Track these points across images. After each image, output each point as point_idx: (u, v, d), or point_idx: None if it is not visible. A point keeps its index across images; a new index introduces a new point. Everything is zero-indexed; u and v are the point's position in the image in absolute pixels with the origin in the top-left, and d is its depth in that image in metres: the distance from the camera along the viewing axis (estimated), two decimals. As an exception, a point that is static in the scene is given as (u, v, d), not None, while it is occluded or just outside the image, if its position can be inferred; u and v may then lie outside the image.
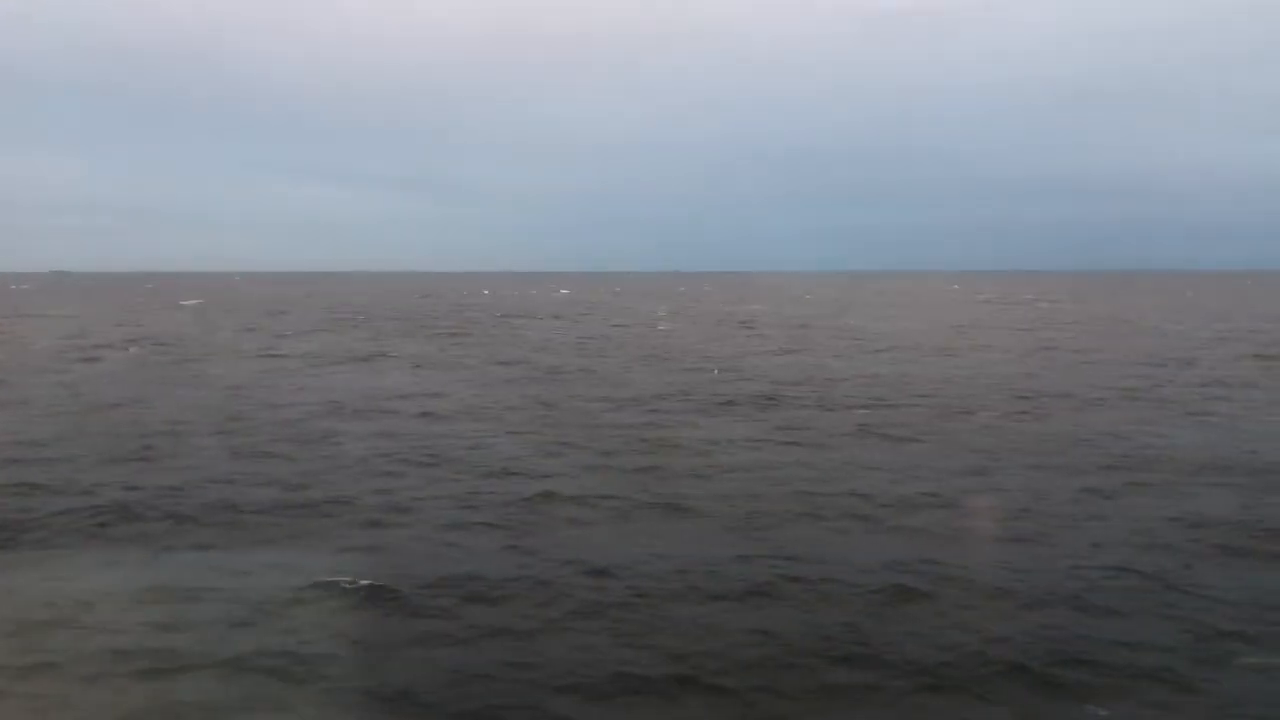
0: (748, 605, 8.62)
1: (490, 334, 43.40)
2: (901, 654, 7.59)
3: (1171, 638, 7.86)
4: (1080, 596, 8.69)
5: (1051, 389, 22.82)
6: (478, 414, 19.05)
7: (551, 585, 8.91)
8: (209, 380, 24.80)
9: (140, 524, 10.89)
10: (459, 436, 16.48)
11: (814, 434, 17.14)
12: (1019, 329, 46.00)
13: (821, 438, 16.80)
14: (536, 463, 14.35)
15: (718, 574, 9.36)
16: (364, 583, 8.77)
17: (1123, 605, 8.50)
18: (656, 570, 9.40)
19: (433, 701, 6.66)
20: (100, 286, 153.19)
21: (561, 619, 8.11)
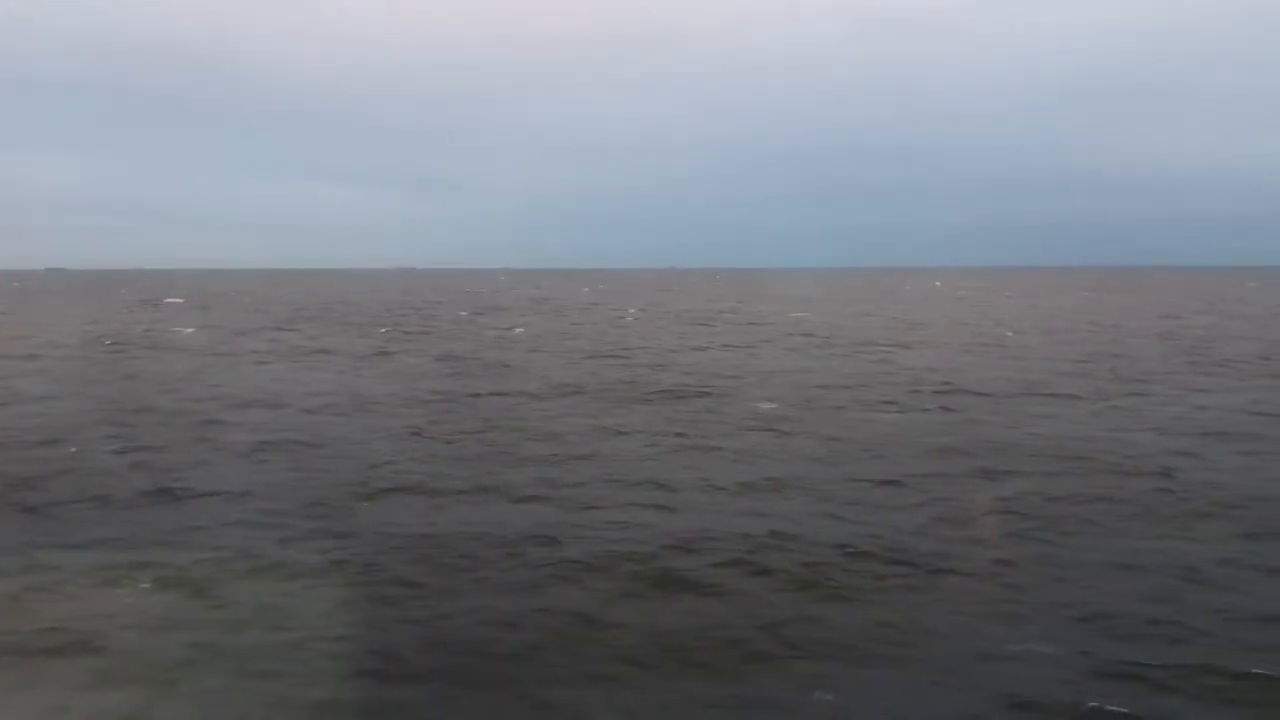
0: (531, 590, 8.89)
1: (448, 330, 43.66)
2: (648, 637, 7.86)
3: (903, 621, 8.13)
4: (833, 581, 8.99)
5: (966, 385, 23.02)
6: (381, 409, 19.29)
7: (341, 575, 9.17)
8: (139, 375, 25.08)
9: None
10: (348, 429, 16.75)
11: (703, 427, 17.38)
12: (973, 324, 46.27)
13: (707, 430, 17.04)
14: (406, 456, 14.59)
15: (519, 561, 9.63)
16: (158, 570, 9.04)
17: (864, 591, 8.80)
18: (460, 558, 9.67)
19: (166, 690, 6.93)
20: (92, 284, 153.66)
21: (332, 609, 8.36)
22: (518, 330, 43.37)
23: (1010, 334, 39.84)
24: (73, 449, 14.81)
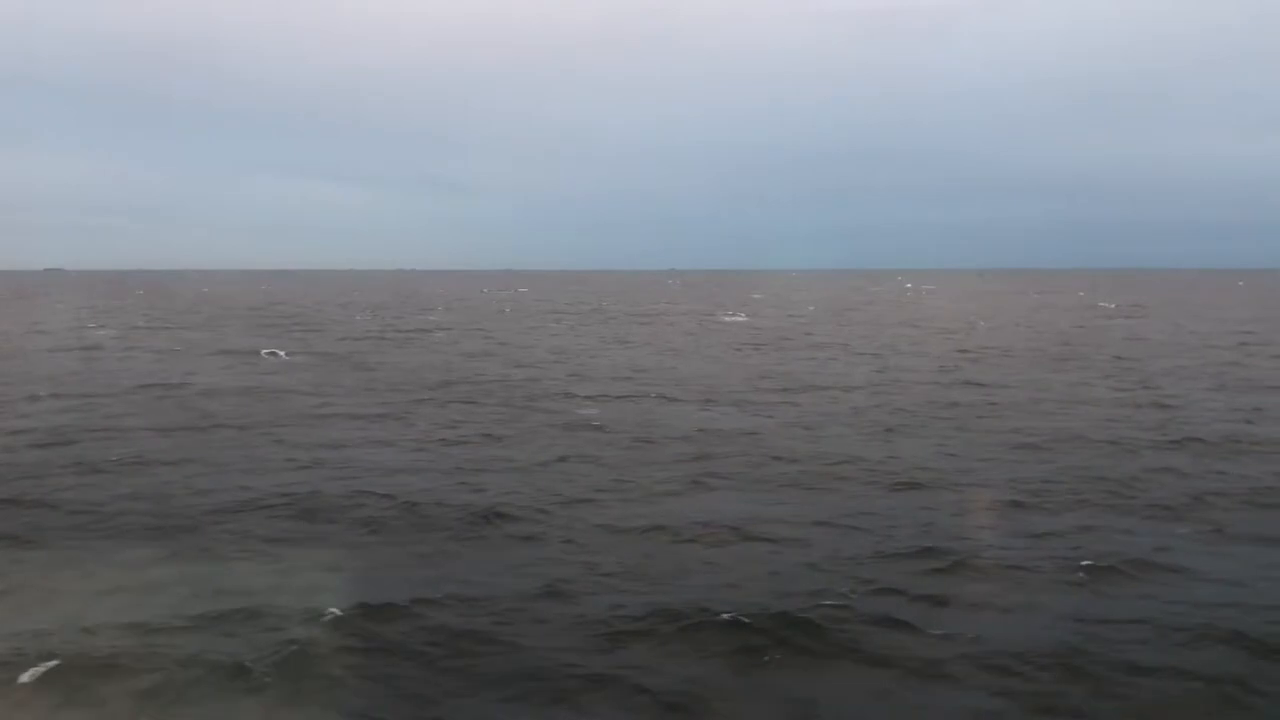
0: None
1: (359, 331, 44.37)
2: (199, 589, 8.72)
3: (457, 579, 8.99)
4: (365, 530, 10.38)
5: (804, 382, 24.00)
6: (188, 401, 20.48)
7: None
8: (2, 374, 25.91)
9: None
10: (123, 418, 18.11)
11: (486, 424, 18.09)
12: (882, 328, 46.91)
13: (492, 425, 17.82)
14: (152, 443, 15.58)
15: (120, 520, 10.78)
16: None
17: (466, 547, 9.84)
18: (71, 513, 10.86)
19: None
20: (82, 285, 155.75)
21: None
22: (437, 333, 43.84)
23: (909, 330, 40.48)
24: None
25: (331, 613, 7.90)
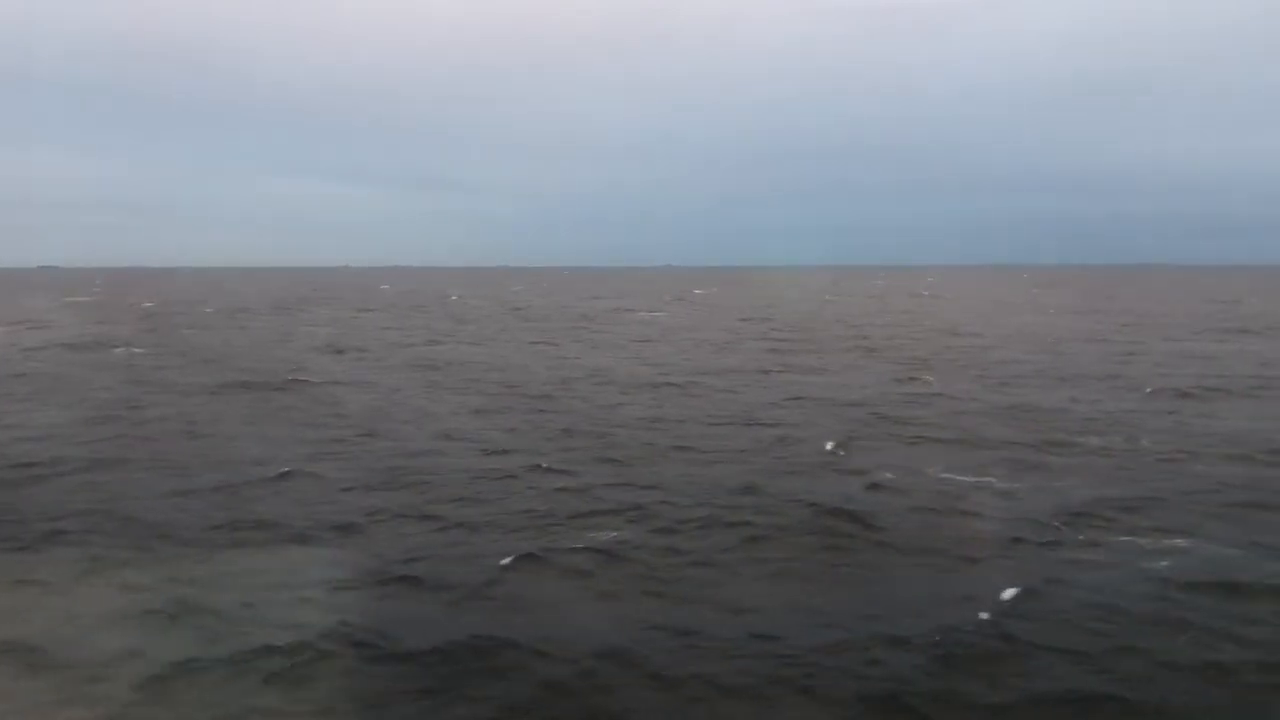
0: None
1: (249, 326, 45.67)
2: None
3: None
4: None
5: (599, 377, 25.40)
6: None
7: None
8: None
9: None
10: None
11: (223, 408, 19.65)
12: (768, 321, 48.08)
13: (225, 407, 19.42)
14: None
15: None
16: None
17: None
18: None
19: None
20: (56, 281, 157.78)
21: None
22: (322, 329, 44.69)
23: (759, 332, 41.54)
24: None
25: None
